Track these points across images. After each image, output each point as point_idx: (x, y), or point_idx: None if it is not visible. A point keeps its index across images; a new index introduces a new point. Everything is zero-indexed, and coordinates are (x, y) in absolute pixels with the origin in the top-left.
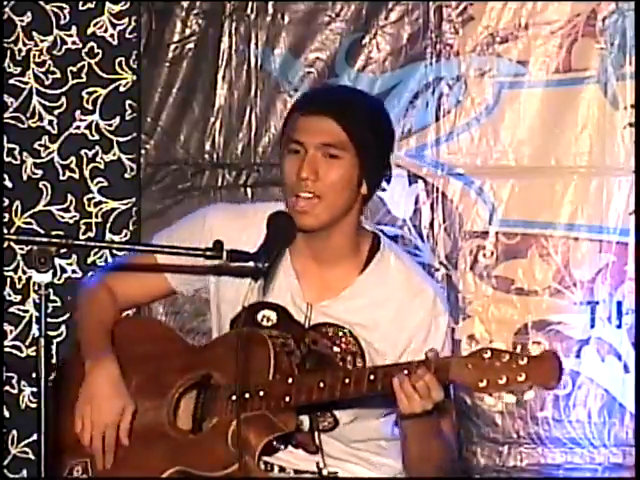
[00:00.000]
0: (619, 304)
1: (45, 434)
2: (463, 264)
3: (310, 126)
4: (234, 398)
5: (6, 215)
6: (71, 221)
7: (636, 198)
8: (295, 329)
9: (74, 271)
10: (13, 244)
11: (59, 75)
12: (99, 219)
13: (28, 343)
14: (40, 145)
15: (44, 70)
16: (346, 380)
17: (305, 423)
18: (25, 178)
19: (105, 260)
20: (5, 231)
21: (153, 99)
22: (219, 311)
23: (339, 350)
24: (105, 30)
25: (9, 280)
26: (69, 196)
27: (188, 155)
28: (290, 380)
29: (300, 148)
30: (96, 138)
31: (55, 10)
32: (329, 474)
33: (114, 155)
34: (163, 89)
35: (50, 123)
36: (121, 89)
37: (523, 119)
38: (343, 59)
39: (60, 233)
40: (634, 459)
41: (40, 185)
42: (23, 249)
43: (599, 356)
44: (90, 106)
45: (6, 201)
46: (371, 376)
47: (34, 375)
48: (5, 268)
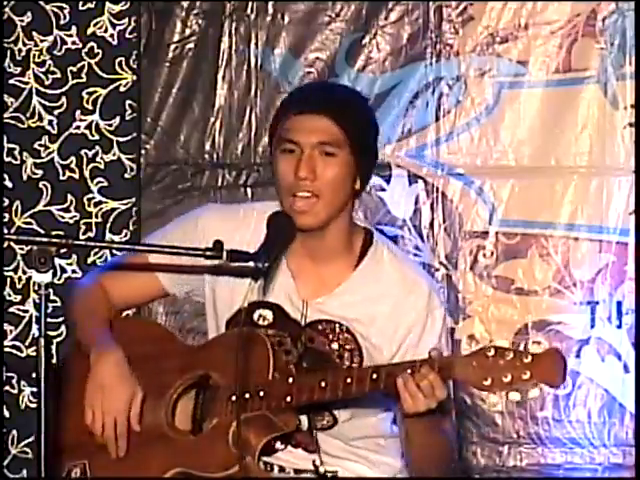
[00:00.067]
0: (619, 304)
1: (45, 434)
2: (463, 264)
3: (305, 125)
4: (234, 398)
5: (6, 215)
6: (71, 221)
7: (636, 198)
8: (292, 327)
9: (74, 271)
10: (13, 244)
11: (59, 75)
12: (99, 219)
13: (28, 343)
14: (40, 145)
15: (44, 70)
16: (348, 379)
17: (304, 422)
18: (25, 178)
19: (105, 260)
20: (5, 231)
21: (153, 99)
22: (215, 312)
23: (336, 347)
24: (105, 30)
25: (9, 280)
26: (69, 196)
27: (188, 155)
28: (290, 380)
29: (295, 147)
30: (96, 138)
31: (55, 10)
32: (326, 472)
33: (114, 155)
34: (163, 89)
35: (50, 123)
36: (121, 89)
37: (523, 119)
38: (343, 59)
39: (60, 233)
40: (634, 459)
41: (40, 185)
42: (23, 249)
43: (599, 356)
44: (90, 106)
45: (6, 201)
46: (373, 375)
47: (34, 375)
48: (5, 268)
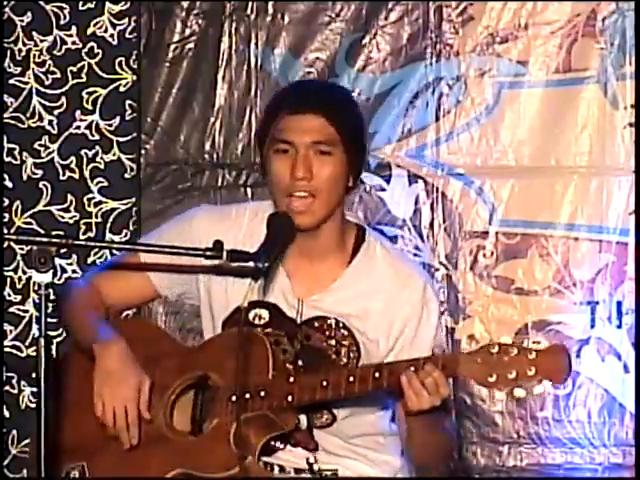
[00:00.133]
0: (619, 304)
1: (45, 434)
2: (463, 264)
3: (299, 125)
4: (234, 399)
5: (6, 215)
6: (71, 221)
7: (636, 198)
8: (288, 326)
9: (74, 271)
10: (13, 244)
11: (59, 75)
12: (99, 219)
13: (28, 343)
14: (40, 145)
15: (44, 70)
16: (350, 378)
17: (303, 421)
18: (25, 178)
19: (105, 260)
20: (5, 231)
21: (153, 99)
22: (212, 313)
23: (333, 343)
24: (105, 30)
25: (9, 280)
26: (69, 196)
27: (188, 155)
28: (292, 379)
29: (289, 147)
30: (96, 138)
31: (55, 10)
32: (320, 470)
33: (114, 155)
34: (163, 89)
35: (50, 123)
36: (121, 89)
37: (523, 119)
38: (343, 59)
39: (60, 233)
40: (634, 459)
41: (40, 185)
42: (23, 249)
43: (599, 356)
44: (90, 106)
45: (6, 201)
46: (376, 374)
47: (34, 375)
48: (5, 268)
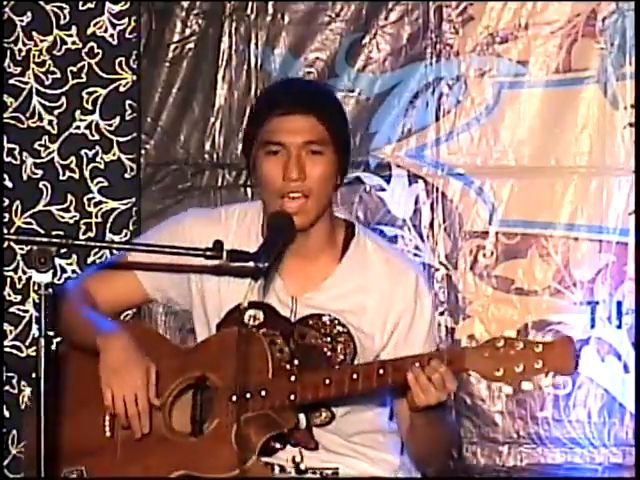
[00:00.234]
0: (619, 304)
1: (45, 433)
2: (463, 264)
3: (290, 126)
4: (235, 399)
5: (6, 215)
6: (71, 221)
7: (636, 198)
8: (282, 325)
9: (74, 271)
10: (13, 244)
11: (59, 75)
12: (99, 219)
13: (28, 343)
14: (40, 145)
15: (44, 70)
16: (354, 375)
17: (302, 420)
18: (25, 178)
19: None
20: (5, 231)
21: (153, 99)
22: (205, 315)
23: (329, 340)
24: (105, 30)
25: (9, 280)
26: (69, 196)
27: (188, 155)
28: (293, 378)
29: (280, 149)
30: (96, 138)
31: (55, 10)
32: (307, 469)
33: (114, 155)
34: (163, 89)
35: (50, 123)
36: (121, 89)
37: (523, 119)
38: (343, 59)
39: (60, 233)
40: (634, 459)
41: (40, 185)
42: (23, 249)
43: (599, 356)
44: (90, 106)
45: (6, 201)
46: (380, 370)
47: (34, 375)
48: (5, 268)
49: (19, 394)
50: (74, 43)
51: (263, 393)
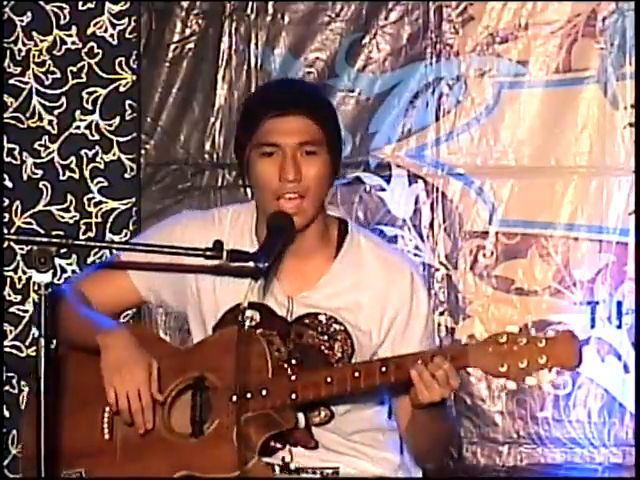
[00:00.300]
0: (619, 304)
1: (45, 433)
2: (463, 264)
3: (285, 127)
4: (235, 399)
5: (6, 215)
6: (71, 221)
7: (636, 198)
8: (279, 325)
9: (74, 271)
10: (13, 244)
11: (59, 75)
12: (99, 219)
13: (28, 343)
14: (40, 145)
15: (44, 70)
16: (356, 374)
17: (301, 420)
18: (25, 178)
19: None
20: (5, 231)
21: (153, 99)
22: (201, 317)
23: (326, 338)
24: (105, 30)
25: (9, 280)
26: (69, 196)
27: (188, 155)
28: (293, 377)
29: (275, 150)
30: (96, 138)
31: (55, 10)
32: (297, 469)
33: (114, 155)
34: (163, 89)
35: (50, 123)
36: (121, 89)
37: (523, 119)
38: (343, 59)
39: (60, 233)
40: (634, 459)
41: (40, 185)
42: (23, 249)
43: (599, 356)
44: (90, 106)
45: (6, 201)
46: (383, 368)
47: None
48: (5, 268)
49: (19, 394)
50: (74, 43)
51: (264, 393)
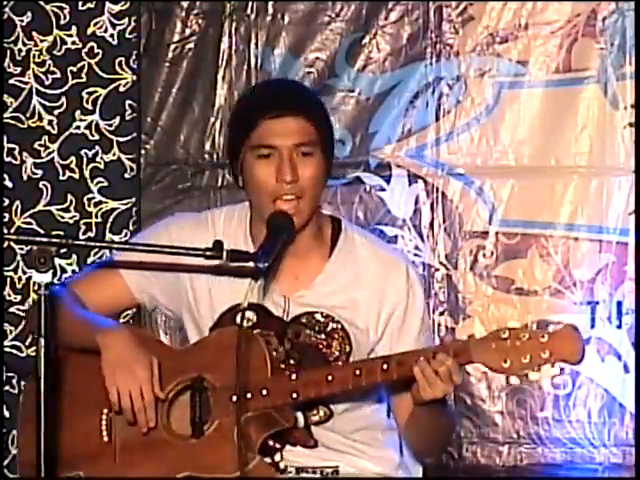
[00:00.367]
0: (619, 304)
1: (45, 433)
2: (463, 264)
3: (281, 128)
4: (235, 399)
5: (6, 215)
6: (71, 221)
7: (636, 198)
8: (276, 325)
9: (74, 271)
10: (13, 244)
11: (59, 75)
12: (99, 219)
13: (28, 343)
14: (40, 145)
15: (44, 70)
16: (357, 372)
17: (300, 419)
18: (25, 178)
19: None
20: (5, 231)
21: (153, 99)
22: (198, 318)
23: (323, 337)
24: (105, 30)
25: (9, 280)
26: (69, 196)
27: (188, 155)
28: (294, 376)
29: (272, 152)
30: (96, 138)
31: (55, 10)
32: (286, 468)
33: (114, 155)
34: (163, 89)
35: (50, 123)
36: (121, 89)
37: (523, 119)
38: (343, 59)
39: (60, 233)
40: (634, 459)
41: (40, 185)
42: (23, 249)
43: (599, 356)
44: (90, 106)
45: (6, 201)
46: (384, 365)
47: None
48: (5, 268)
49: (19, 394)
50: (74, 43)
51: (264, 392)
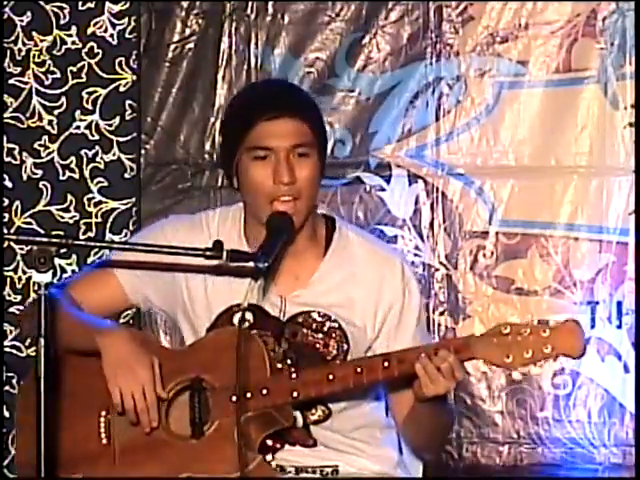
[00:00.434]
0: (619, 304)
1: (45, 433)
2: (463, 264)
3: (278, 130)
4: (234, 399)
5: (6, 215)
6: (71, 221)
7: (636, 198)
8: (273, 325)
9: (74, 271)
10: (13, 244)
11: (59, 75)
12: (99, 219)
13: (28, 343)
14: (40, 145)
15: (44, 70)
16: (358, 370)
17: (298, 419)
18: (25, 178)
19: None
20: (5, 231)
21: (153, 99)
22: (194, 319)
23: (321, 336)
24: (105, 30)
25: (9, 280)
26: (69, 196)
27: (188, 155)
28: (294, 376)
29: (268, 153)
30: (96, 138)
31: (55, 10)
32: (275, 466)
33: (114, 155)
34: (163, 89)
35: (50, 123)
36: (121, 89)
37: (523, 119)
38: (343, 59)
39: (60, 233)
40: (634, 459)
41: (40, 185)
42: (23, 249)
43: (599, 356)
44: (90, 106)
45: (6, 201)
46: (385, 363)
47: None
48: (5, 268)
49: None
50: (74, 43)
51: (264, 392)
